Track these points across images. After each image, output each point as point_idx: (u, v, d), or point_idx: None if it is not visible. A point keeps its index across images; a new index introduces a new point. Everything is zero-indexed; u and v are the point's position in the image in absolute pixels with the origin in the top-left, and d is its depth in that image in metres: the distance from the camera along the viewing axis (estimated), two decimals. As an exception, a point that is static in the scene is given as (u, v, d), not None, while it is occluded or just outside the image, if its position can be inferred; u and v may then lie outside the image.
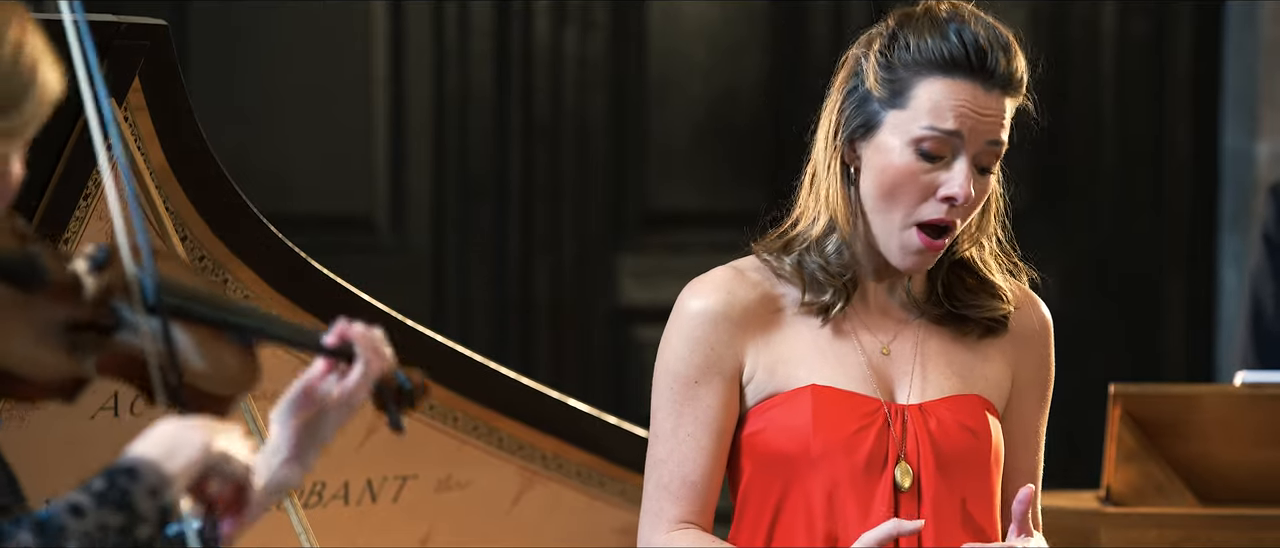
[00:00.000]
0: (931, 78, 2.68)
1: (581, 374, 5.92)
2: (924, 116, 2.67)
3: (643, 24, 5.94)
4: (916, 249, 2.70)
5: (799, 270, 2.73)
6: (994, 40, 2.71)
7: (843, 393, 2.70)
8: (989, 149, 2.70)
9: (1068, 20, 5.99)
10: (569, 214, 5.98)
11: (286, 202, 5.52)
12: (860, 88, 2.72)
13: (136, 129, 3.21)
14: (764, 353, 2.73)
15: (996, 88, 2.70)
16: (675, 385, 2.73)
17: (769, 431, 2.71)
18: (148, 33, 3.14)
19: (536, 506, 3.91)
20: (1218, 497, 3.94)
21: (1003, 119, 2.71)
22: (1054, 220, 6.00)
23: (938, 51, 2.68)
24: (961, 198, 2.67)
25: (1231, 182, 6.00)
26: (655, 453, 2.76)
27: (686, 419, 2.73)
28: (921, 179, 2.68)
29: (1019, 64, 2.74)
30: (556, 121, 5.96)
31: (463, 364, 3.71)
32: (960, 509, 2.73)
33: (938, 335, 2.78)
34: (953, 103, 2.67)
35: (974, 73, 2.68)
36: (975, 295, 2.80)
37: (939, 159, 2.68)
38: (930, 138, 2.67)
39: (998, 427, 2.77)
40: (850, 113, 2.72)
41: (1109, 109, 6.04)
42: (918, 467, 2.70)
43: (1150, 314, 6.09)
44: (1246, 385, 3.94)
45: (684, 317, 2.74)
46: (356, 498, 3.70)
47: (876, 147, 2.70)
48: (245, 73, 5.81)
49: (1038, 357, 2.87)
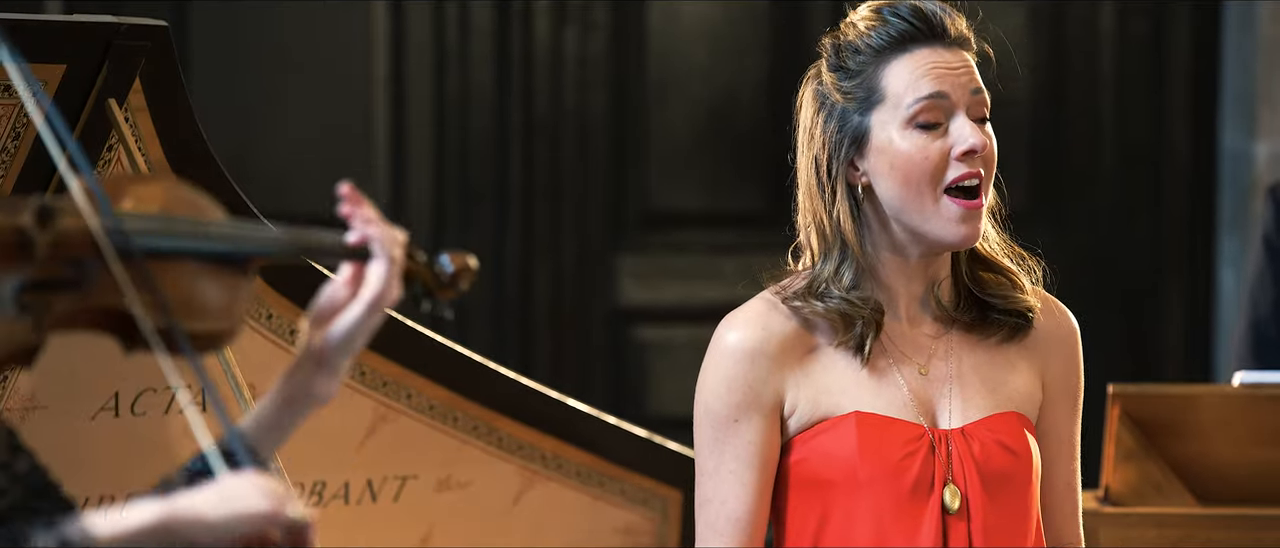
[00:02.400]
0: (892, 61, 2.70)
1: (581, 374, 5.92)
2: (906, 95, 2.69)
3: (643, 24, 5.94)
4: (959, 216, 2.71)
5: (828, 312, 2.73)
6: (930, 6, 2.73)
7: (887, 419, 2.71)
8: (975, 99, 2.73)
9: (1066, 20, 6.00)
10: (569, 214, 5.98)
11: (286, 202, 5.52)
12: (833, 111, 2.73)
13: (137, 129, 3.21)
14: (805, 385, 2.73)
15: (954, 44, 2.73)
16: (715, 424, 2.73)
17: (813, 459, 2.72)
18: (148, 33, 3.14)
19: (536, 505, 3.91)
20: (1216, 497, 3.95)
21: (971, 68, 2.74)
22: (1053, 220, 6.01)
23: (886, 36, 2.71)
24: (978, 145, 2.69)
25: (1230, 182, 6.00)
26: (702, 492, 2.76)
27: (728, 457, 2.73)
28: (932, 151, 2.69)
29: (960, 21, 2.75)
30: (556, 122, 5.96)
31: (463, 364, 3.72)
32: (1008, 530, 2.73)
33: (971, 351, 2.79)
34: (924, 69, 2.70)
35: (927, 37, 2.71)
36: (998, 287, 2.80)
37: (938, 126, 2.70)
38: (922, 109, 2.69)
39: (1035, 443, 2.78)
40: (835, 139, 2.73)
41: (1108, 109, 6.04)
42: (965, 490, 2.70)
43: (1149, 314, 6.10)
44: (1245, 386, 3.94)
45: (721, 353, 2.73)
46: (357, 498, 3.70)
47: (876, 151, 2.71)
48: (246, 73, 5.81)
49: (1066, 362, 2.86)
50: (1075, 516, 2.88)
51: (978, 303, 2.80)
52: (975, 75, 2.74)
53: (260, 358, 3.48)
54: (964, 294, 2.80)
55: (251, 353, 3.45)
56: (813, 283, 2.74)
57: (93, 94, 3.12)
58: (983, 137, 2.71)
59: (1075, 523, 2.88)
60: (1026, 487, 2.75)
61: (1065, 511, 2.87)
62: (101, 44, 3.10)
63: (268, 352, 3.49)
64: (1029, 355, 2.82)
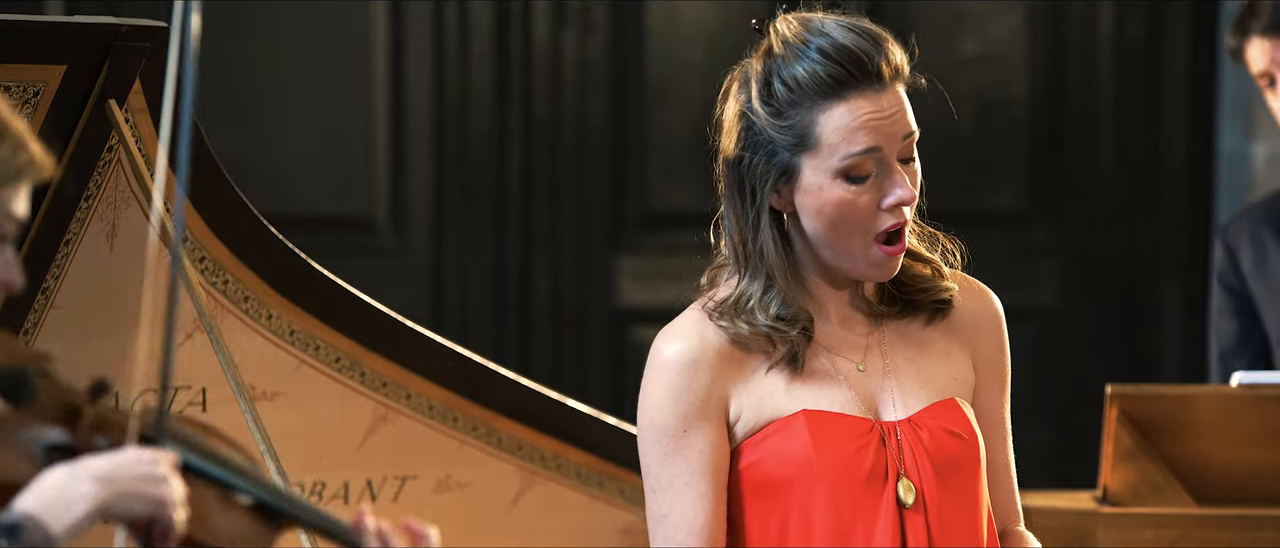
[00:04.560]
0: (825, 107, 2.65)
1: (581, 374, 5.93)
2: (839, 147, 2.65)
3: (642, 25, 5.94)
4: (882, 261, 2.70)
5: (753, 335, 2.71)
6: (861, 39, 2.66)
7: (835, 415, 2.70)
8: (905, 143, 2.69)
9: (1065, 21, 6.00)
10: (569, 214, 5.99)
11: (287, 203, 5.53)
12: (761, 141, 2.69)
13: (137, 130, 3.22)
14: (747, 391, 2.72)
15: (887, 85, 2.67)
16: (664, 438, 2.71)
17: (767, 461, 2.70)
18: (148, 35, 3.15)
19: (536, 506, 3.92)
20: (1214, 497, 3.95)
21: (904, 110, 2.68)
22: (1051, 220, 6.01)
23: (816, 80, 2.65)
24: (907, 199, 2.67)
25: (1227, 183, 6.01)
26: (655, 509, 2.73)
27: (681, 469, 2.70)
28: (861, 203, 2.67)
29: (893, 50, 2.69)
30: (556, 123, 5.97)
31: (463, 364, 3.72)
32: (963, 516, 2.74)
33: (903, 344, 2.78)
34: (858, 122, 2.65)
35: (861, 83, 2.65)
36: (919, 279, 2.79)
37: (868, 177, 2.67)
38: (853, 165, 2.66)
39: (976, 423, 2.78)
40: (762, 168, 2.69)
41: (1106, 111, 6.05)
42: (919, 481, 2.70)
43: (1147, 315, 6.10)
44: (1242, 386, 3.95)
45: (661, 366, 2.72)
46: (357, 498, 3.71)
47: (804, 190, 2.68)
48: (246, 74, 5.82)
49: (995, 344, 2.85)
50: (1015, 493, 2.88)
51: (901, 297, 2.79)
52: (906, 115, 2.68)
53: (260, 358, 3.49)
54: (886, 290, 2.79)
55: (252, 353, 3.46)
56: (739, 301, 2.72)
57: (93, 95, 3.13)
58: (910, 188, 2.67)
59: (1015, 500, 2.88)
60: (975, 471, 2.74)
61: (1005, 489, 2.87)
62: (102, 45, 3.10)
63: (268, 352, 3.50)
64: (959, 340, 2.81)
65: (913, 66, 2.72)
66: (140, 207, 3.25)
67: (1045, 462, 5.99)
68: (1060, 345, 6.06)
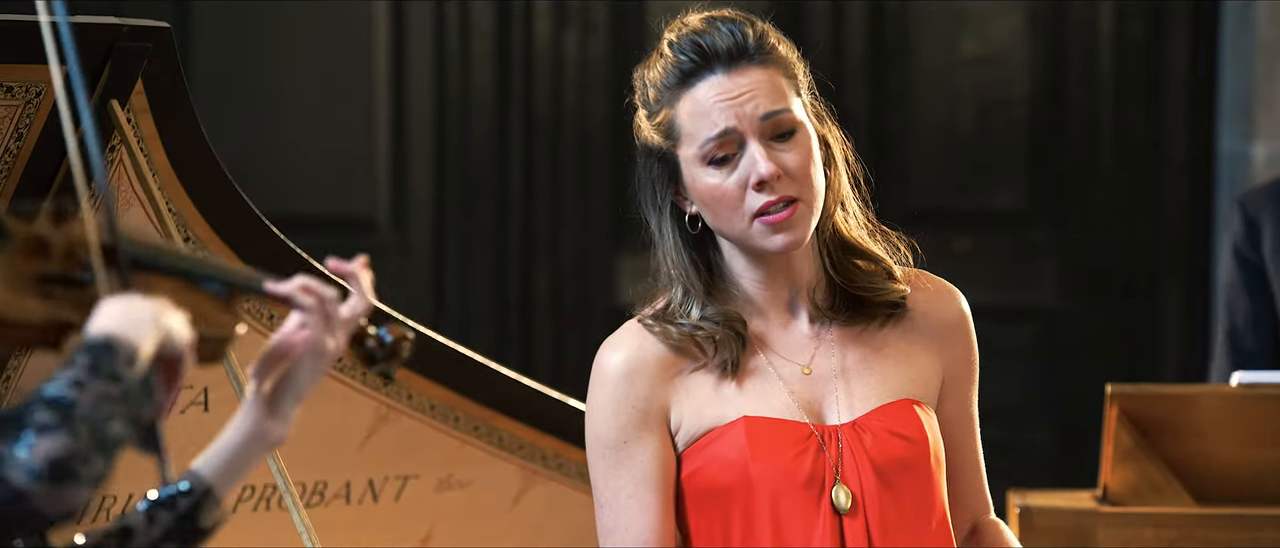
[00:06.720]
0: (680, 98, 2.70)
1: (581, 374, 5.91)
2: (697, 135, 2.68)
3: (642, 25, 5.95)
4: (771, 232, 2.69)
5: (681, 339, 2.73)
6: (710, 27, 2.71)
7: (775, 421, 2.70)
8: (768, 122, 2.69)
9: (1065, 21, 6.01)
10: (569, 214, 6.00)
11: (288, 202, 5.54)
12: (651, 146, 2.74)
13: (139, 131, 3.22)
14: (686, 400, 2.73)
15: (738, 65, 2.70)
16: (607, 451, 2.73)
17: (708, 468, 2.71)
18: (150, 35, 3.15)
19: (537, 505, 3.92)
20: (1214, 496, 3.96)
21: (765, 88, 2.70)
22: (1052, 221, 6.02)
23: (671, 73, 2.70)
24: (767, 175, 2.66)
25: (1227, 183, 6.01)
26: (603, 523, 2.75)
27: (625, 481, 2.72)
28: (728, 185, 2.68)
29: (748, 30, 2.73)
30: (557, 122, 5.97)
31: (463, 364, 3.73)
32: (910, 519, 2.73)
33: (856, 344, 2.78)
34: (707, 106, 2.68)
35: (708, 67, 2.69)
36: (868, 279, 2.79)
37: (731, 158, 2.68)
38: (711, 148, 2.68)
39: (933, 423, 2.77)
40: (656, 173, 2.74)
41: (1106, 111, 6.05)
42: (859, 487, 2.69)
43: (1147, 315, 6.11)
44: (1243, 386, 3.96)
45: (602, 378, 2.75)
46: (358, 497, 3.71)
47: (689, 184, 2.72)
48: (248, 75, 5.82)
49: (965, 346, 2.85)
50: (984, 488, 2.89)
51: (852, 298, 2.79)
52: (768, 96, 2.69)
53: (262, 358, 3.48)
54: (837, 291, 2.79)
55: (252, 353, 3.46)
56: (668, 306, 2.76)
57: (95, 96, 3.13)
58: (771, 164, 2.67)
59: (986, 494, 2.89)
60: (926, 472, 2.73)
61: (975, 486, 2.88)
62: (104, 45, 3.10)
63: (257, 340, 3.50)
64: (922, 342, 2.81)
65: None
66: (142, 207, 3.25)
67: (1045, 462, 5.99)
68: (1060, 345, 6.07)
